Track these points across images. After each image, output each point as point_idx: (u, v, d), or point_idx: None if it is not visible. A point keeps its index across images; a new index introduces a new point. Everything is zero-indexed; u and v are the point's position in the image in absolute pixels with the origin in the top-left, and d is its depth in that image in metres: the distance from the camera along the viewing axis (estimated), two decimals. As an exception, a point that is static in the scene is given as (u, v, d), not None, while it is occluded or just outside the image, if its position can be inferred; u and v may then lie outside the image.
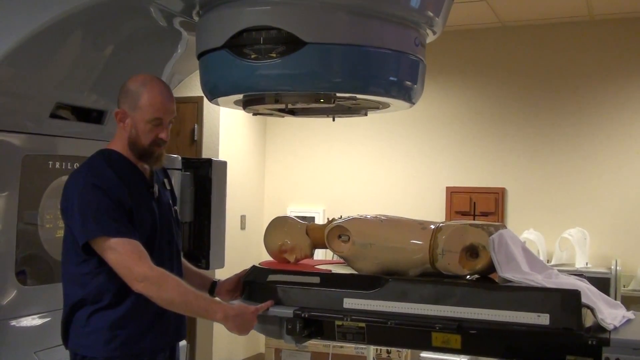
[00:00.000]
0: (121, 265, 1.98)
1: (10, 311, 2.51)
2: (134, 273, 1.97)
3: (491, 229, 2.16)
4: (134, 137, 2.11)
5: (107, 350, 2.02)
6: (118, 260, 1.97)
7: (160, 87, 2.12)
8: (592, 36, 5.21)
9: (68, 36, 2.45)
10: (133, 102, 2.09)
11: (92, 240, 1.98)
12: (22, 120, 2.58)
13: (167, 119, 2.12)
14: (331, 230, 2.31)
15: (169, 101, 2.13)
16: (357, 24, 2.16)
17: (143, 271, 1.97)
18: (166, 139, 2.13)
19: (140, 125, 2.09)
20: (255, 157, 6.02)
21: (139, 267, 1.97)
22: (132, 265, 1.97)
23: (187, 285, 2.04)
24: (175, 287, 2.00)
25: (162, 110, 2.10)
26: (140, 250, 1.99)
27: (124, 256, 1.97)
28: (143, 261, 1.97)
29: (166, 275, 2.00)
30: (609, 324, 1.92)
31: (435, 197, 5.56)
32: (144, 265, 1.97)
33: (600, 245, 5.04)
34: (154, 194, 2.18)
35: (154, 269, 1.98)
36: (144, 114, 2.08)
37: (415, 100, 2.38)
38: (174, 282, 2.01)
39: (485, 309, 1.97)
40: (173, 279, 2.01)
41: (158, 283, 1.98)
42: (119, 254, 1.97)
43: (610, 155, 5.12)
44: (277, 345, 5.32)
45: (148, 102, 2.08)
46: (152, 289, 1.98)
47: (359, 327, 2.12)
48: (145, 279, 1.96)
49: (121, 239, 1.97)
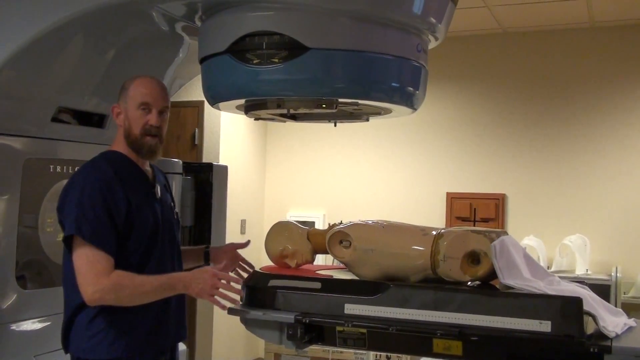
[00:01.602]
0: (79, 272, 1.99)
1: (10, 315, 2.51)
2: (90, 284, 1.97)
3: (493, 235, 2.16)
4: (127, 128, 2.15)
5: (109, 352, 2.03)
6: (82, 266, 1.98)
7: (148, 78, 2.19)
8: (593, 43, 5.22)
9: (70, 40, 2.45)
10: (124, 95, 2.17)
11: (73, 238, 2.01)
12: (23, 124, 2.58)
13: (156, 105, 2.15)
14: (332, 235, 2.30)
15: (158, 89, 2.18)
16: (360, 29, 2.15)
17: (99, 282, 1.97)
18: (156, 124, 2.15)
19: (130, 113, 2.14)
20: (255, 161, 6.02)
21: (96, 279, 1.97)
22: (90, 277, 1.97)
23: (140, 277, 2.03)
24: (128, 287, 1.99)
25: (149, 95, 2.14)
26: (103, 265, 1.99)
27: (87, 265, 1.98)
28: (103, 275, 1.97)
29: (119, 280, 1.99)
30: (610, 331, 1.92)
31: (435, 202, 5.55)
32: (101, 278, 1.97)
33: (601, 252, 5.03)
34: (156, 194, 2.20)
35: (109, 278, 1.98)
36: (132, 102, 2.14)
37: (417, 106, 2.38)
38: (127, 282, 2.00)
39: (487, 316, 1.96)
40: (125, 279, 2.00)
41: (114, 290, 1.98)
42: (83, 261, 1.98)
43: (611, 161, 5.12)
44: (276, 350, 5.31)
45: (136, 89, 2.15)
46: (108, 298, 1.99)
47: (360, 332, 2.12)
48: (100, 291, 1.97)
49: (92, 247, 1.98)
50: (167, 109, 2.20)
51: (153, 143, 2.16)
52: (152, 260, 2.11)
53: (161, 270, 2.12)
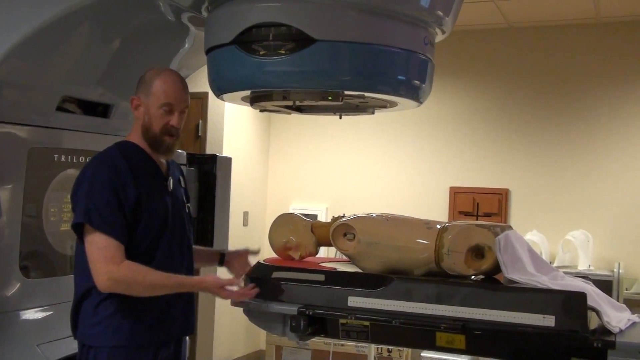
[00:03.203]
0: (91, 260, 2.00)
1: (13, 304, 2.51)
2: (102, 271, 1.98)
3: (497, 229, 2.16)
4: (147, 124, 2.14)
5: (113, 340, 2.03)
6: (93, 254, 2.00)
7: (173, 76, 2.17)
8: (599, 38, 5.20)
9: (76, 29, 2.45)
10: (146, 89, 2.14)
11: (84, 226, 2.02)
12: (28, 113, 2.58)
13: (178, 106, 2.15)
14: (336, 228, 2.30)
15: (181, 90, 2.16)
16: (367, 22, 2.15)
17: (110, 270, 1.98)
18: (177, 126, 2.15)
19: (152, 110, 2.13)
20: (258, 153, 6.02)
21: (107, 267, 1.98)
22: (102, 264, 1.99)
23: (152, 272, 2.03)
24: (141, 281, 2.02)
25: (172, 97, 2.13)
26: (114, 251, 2.00)
27: (99, 253, 1.99)
28: (114, 261, 1.99)
29: (130, 271, 2.01)
30: (614, 326, 1.92)
31: (438, 197, 5.55)
32: (112, 265, 1.98)
33: (603, 247, 5.03)
34: (168, 187, 2.20)
35: (120, 269, 1.99)
36: (155, 100, 2.12)
37: (423, 99, 2.37)
38: (140, 276, 2.01)
39: (491, 310, 1.97)
40: (138, 273, 2.01)
41: (125, 281, 2.00)
42: (96, 248, 1.99)
43: (615, 158, 5.11)
44: (277, 342, 5.32)
45: (160, 88, 2.12)
46: (120, 288, 2.01)
47: (363, 325, 2.12)
48: (110, 279, 1.98)
49: (104, 235, 1.99)
50: (187, 108, 2.20)
51: (171, 142, 2.16)
52: (159, 253, 2.11)
53: (168, 263, 2.11)
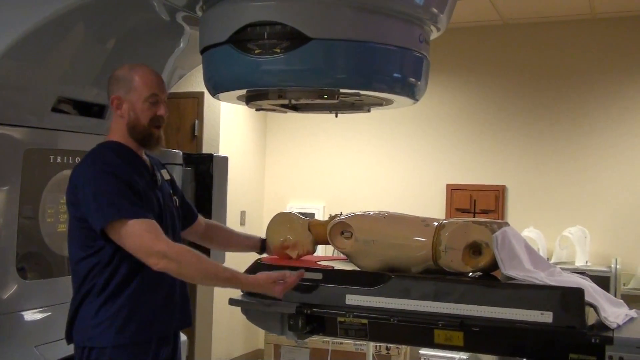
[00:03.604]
0: (139, 246, 1.98)
1: (10, 305, 2.51)
2: (153, 251, 1.97)
3: (494, 226, 2.16)
4: (133, 120, 2.12)
5: (115, 339, 2.02)
6: (135, 242, 1.98)
7: (148, 68, 2.17)
8: (594, 35, 5.21)
9: (70, 30, 2.44)
10: (126, 86, 2.11)
11: (110, 224, 1.98)
12: (23, 114, 2.57)
13: (162, 95, 2.15)
14: (334, 226, 2.30)
15: (160, 79, 2.17)
16: (362, 19, 2.15)
17: (162, 249, 1.97)
18: (165, 115, 2.15)
19: (137, 105, 2.11)
20: (255, 152, 6.02)
21: (157, 246, 1.97)
22: (150, 245, 1.97)
23: (207, 260, 2.05)
24: (195, 264, 2.01)
25: (155, 87, 2.12)
26: (156, 228, 2.00)
27: (142, 237, 1.97)
28: (160, 239, 1.99)
29: (185, 251, 2.02)
30: (612, 322, 1.92)
31: (435, 194, 5.55)
32: (162, 243, 1.98)
33: (601, 243, 5.04)
34: (157, 182, 2.20)
35: (172, 246, 2.00)
36: (140, 93, 2.10)
37: (419, 96, 2.37)
38: (194, 259, 2.02)
39: (488, 307, 1.97)
40: (192, 255, 2.02)
41: (177, 260, 1.99)
42: (136, 235, 1.97)
43: (611, 153, 5.11)
44: (276, 341, 5.32)
45: (142, 81, 2.11)
46: (171, 266, 1.99)
47: (362, 323, 2.12)
48: (165, 257, 1.97)
49: (137, 219, 1.98)
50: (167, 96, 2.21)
51: (159, 134, 2.16)
52: None
53: None
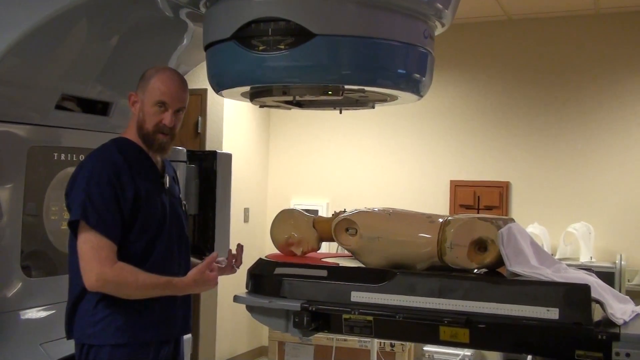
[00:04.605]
0: (85, 258, 1.98)
1: (15, 303, 2.51)
2: (93, 271, 1.96)
3: (500, 222, 2.15)
4: (141, 121, 2.12)
5: (114, 337, 2.01)
6: (85, 252, 1.98)
7: (171, 74, 2.15)
8: (598, 30, 5.19)
9: (74, 27, 2.44)
10: (144, 86, 2.13)
11: (79, 223, 1.99)
12: (27, 112, 2.57)
13: (173, 105, 2.12)
14: (338, 223, 2.30)
15: (178, 89, 2.13)
16: (366, 15, 2.14)
17: (102, 272, 1.96)
18: (169, 124, 2.12)
19: (146, 107, 2.11)
20: (258, 149, 6.01)
21: (99, 268, 1.96)
22: (93, 264, 1.97)
23: (143, 273, 2.01)
24: (132, 283, 1.99)
25: (167, 95, 2.10)
26: (109, 250, 1.98)
27: (91, 252, 1.97)
28: (105, 263, 1.97)
29: (122, 271, 1.98)
30: (618, 318, 1.91)
31: (439, 190, 5.54)
32: (105, 267, 1.97)
33: (605, 239, 5.03)
34: (165, 184, 2.18)
35: (112, 269, 1.97)
36: (150, 97, 2.10)
37: (423, 92, 2.36)
38: (131, 277, 1.99)
39: (494, 303, 1.96)
40: (129, 274, 1.99)
41: (116, 282, 1.98)
42: (88, 247, 1.97)
43: (616, 149, 5.10)
44: (280, 339, 5.31)
45: (155, 85, 2.10)
46: (109, 289, 1.99)
47: (367, 320, 2.12)
48: (104, 281, 1.97)
49: (98, 234, 1.97)
50: (183, 108, 2.17)
51: (164, 141, 2.14)
52: (157, 252, 2.09)
53: (165, 263, 2.10)
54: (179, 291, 2.10)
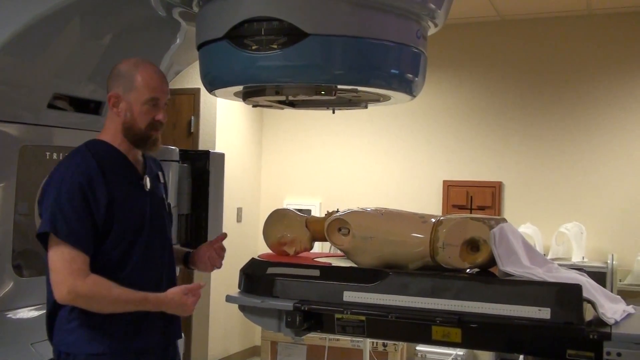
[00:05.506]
0: (55, 271, 1.90)
1: (6, 303, 2.50)
2: (64, 284, 1.88)
3: (492, 222, 2.16)
4: (129, 121, 2.02)
5: (89, 347, 1.95)
6: (55, 264, 1.90)
7: (154, 68, 2.07)
8: (591, 30, 5.21)
9: (67, 25, 2.43)
10: (127, 84, 2.01)
11: (49, 235, 1.91)
12: (19, 111, 2.56)
13: (163, 99, 2.05)
14: (331, 223, 2.30)
15: (163, 81, 2.07)
16: (359, 15, 2.14)
17: (74, 284, 1.88)
18: (163, 120, 2.05)
19: (136, 107, 2.01)
20: (251, 149, 6.01)
21: (70, 281, 1.88)
22: (64, 277, 1.89)
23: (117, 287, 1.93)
24: (105, 297, 1.92)
25: (158, 90, 2.02)
26: (81, 262, 1.90)
27: (62, 264, 1.89)
28: (78, 275, 1.88)
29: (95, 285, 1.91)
30: (609, 318, 1.92)
31: (432, 190, 5.55)
32: (77, 280, 1.88)
33: (597, 239, 5.05)
34: (145, 186, 2.09)
35: (84, 283, 1.89)
36: (139, 95, 2.00)
37: (416, 93, 2.36)
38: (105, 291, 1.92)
39: (486, 303, 1.97)
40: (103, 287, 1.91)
41: (88, 296, 1.90)
42: (58, 259, 1.89)
43: (607, 149, 5.12)
44: (273, 338, 5.31)
45: (144, 82, 2.00)
46: (80, 302, 1.92)
47: (359, 320, 2.12)
48: (75, 294, 1.89)
49: (69, 246, 1.89)
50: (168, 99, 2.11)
51: (157, 137, 2.06)
52: (135, 258, 2.01)
53: (145, 270, 2.03)
54: (154, 308, 2.00)
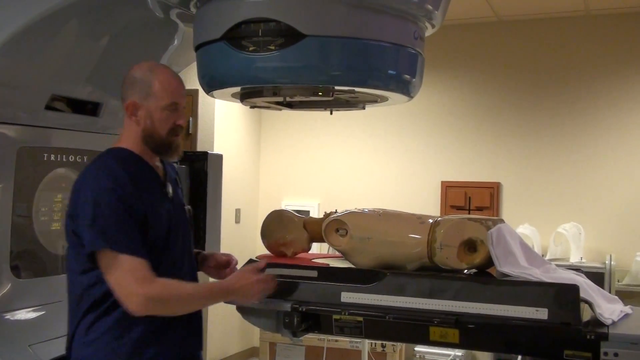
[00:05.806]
0: (120, 284, 1.83)
1: (4, 304, 2.49)
2: (134, 294, 1.82)
3: (489, 223, 2.16)
4: (150, 129, 1.96)
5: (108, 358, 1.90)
6: (118, 278, 1.83)
7: (170, 71, 2.01)
8: (589, 31, 5.22)
9: (64, 26, 2.42)
10: (144, 91, 1.95)
11: (99, 252, 1.84)
12: (17, 112, 2.56)
13: (182, 103, 2.00)
14: (329, 224, 2.30)
15: (181, 84, 2.02)
16: (357, 16, 2.14)
17: (145, 292, 1.82)
18: (184, 124, 2.00)
19: (156, 113, 1.95)
20: (250, 150, 6.01)
21: (140, 289, 1.82)
22: (132, 287, 1.82)
23: (190, 289, 1.94)
24: (178, 298, 1.90)
25: (177, 94, 1.97)
26: (144, 268, 1.84)
27: (126, 276, 1.82)
28: (144, 282, 1.83)
29: (168, 288, 1.88)
30: (607, 318, 1.92)
31: (430, 191, 5.56)
32: (145, 286, 1.83)
33: (595, 240, 5.05)
34: (168, 193, 2.04)
35: (155, 289, 1.84)
36: (159, 101, 1.94)
37: (413, 94, 2.37)
38: (175, 292, 1.90)
39: (484, 304, 1.97)
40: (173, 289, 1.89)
41: (162, 300, 1.86)
42: (121, 272, 1.82)
43: (606, 150, 5.13)
44: (271, 339, 5.31)
45: (162, 87, 1.94)
46: (156, 308, 1.87)
47: (357, 321, 2.12)
48: (148, 300, 1.83)
49: (128, 255, 1.82)
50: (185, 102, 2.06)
51: (178, 142, 2.01)
52: (166, 262, 1.96)
53: (176, 271, 1.99)
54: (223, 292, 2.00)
